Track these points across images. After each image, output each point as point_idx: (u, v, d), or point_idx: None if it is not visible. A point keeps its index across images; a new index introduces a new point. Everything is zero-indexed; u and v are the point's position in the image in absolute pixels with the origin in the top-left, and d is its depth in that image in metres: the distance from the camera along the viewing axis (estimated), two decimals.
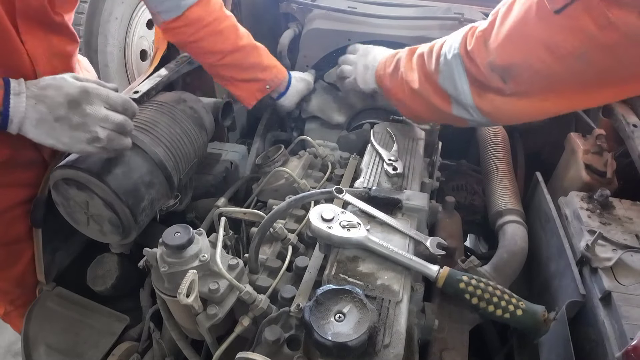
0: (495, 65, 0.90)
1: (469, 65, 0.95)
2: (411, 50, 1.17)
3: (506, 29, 0.87)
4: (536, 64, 0.83)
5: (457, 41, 0.98)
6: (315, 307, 0.72)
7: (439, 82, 1.03)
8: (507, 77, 0.89)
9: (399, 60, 1.18)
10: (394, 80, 1.20)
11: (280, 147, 1.38)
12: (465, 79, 0.97)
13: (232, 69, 1.39)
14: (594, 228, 1.13)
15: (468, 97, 0.98)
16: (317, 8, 1.77)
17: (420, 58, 1.10)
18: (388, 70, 1.22)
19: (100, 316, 1.18)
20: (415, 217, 0.99)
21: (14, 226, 1.17)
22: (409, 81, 1.12)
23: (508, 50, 0.87)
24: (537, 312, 0.83)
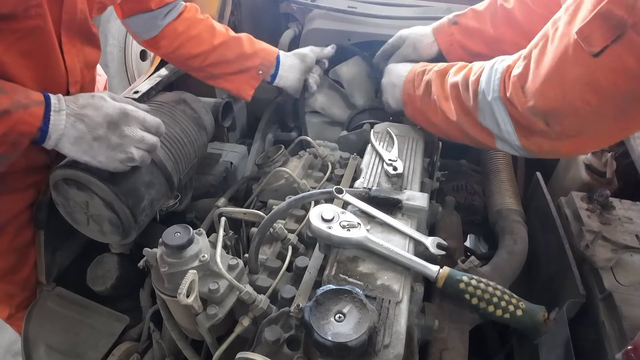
0: (536, 111, 0.88)
1: (510, 109, 0.93)
2: (440, 73, 1.13)
3: (543, 72, 0.85)
4: (581, 107, 0.82)
5: (494, 82, 0.96)
6: (315, 307, 0.72)
7: (480, 120, 1.01)
8: (551, 121, 0.87)
9: (429, 83, 1.15)
10: (426, 104, 1.16)
11: (280, 147, 1.38)
12: (509, 122, 0.95)
13: (218, 66, 1.39)
14: (594, 228, 1.13)
15: (514, 139, 0.96)
16: (317, 8, 1.77)
17: (454, 89, 1.07)
18: (418, 92, 1.18)
19: (100, 316, 1.18)
20: (415, 217, 0.99)
21: (25, 230, 1.17)
22: (444, 110, 1.09)
23: (548, 95, 0.85)
24: (537, 312, 0.83)
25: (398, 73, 1.29)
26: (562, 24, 0.82)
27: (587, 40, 0.76)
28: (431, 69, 1.17)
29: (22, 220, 1.16)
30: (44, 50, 1.00)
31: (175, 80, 1.53)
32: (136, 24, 1.32)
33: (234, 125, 1.68)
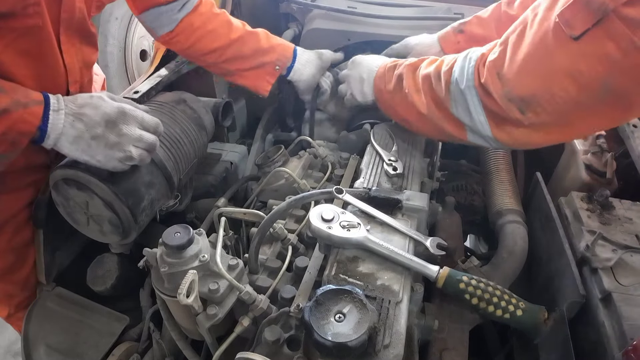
0: (512, 97, 0.87)
1: (484, 97, 0.92)
2: (412, 66, 1.12)
3: (521, 58, 0.84)
4: (559, 93, 0.81)
5: (468, 70, 0.95)
6: (315, 307, 0.72)
7: (452, 111, 1.00)
8: (526, 109, 0.86)
9: (401, 77, 1.13)
10: (396, 98, 1.15)
11: (280, 147, 1.38)
12: (481, 111, 0.94)
13: (235, 61, 1.39)
14: (594, 228, 1.13)
15: (486, 128, 0.95)
16: (317, 8, 1.78)
17: (426, 81, 1.05)
18: (389, 87, 1.17)
19: (100, 316, 1.18)
20: (415, 218, 0.99)
21: (23, 229, 1.17)
22: (415, 104, 1.07)
23: (526, 80, 0.84)
24: (537, 312, 0.84)
25: (368, 67, 1.26)
26: (541, 10, 0.82)
27: (567, 24, 0.75)
28: (402, 64, 1.16)
29: (21, 220, 1.16)
30: (43, 50, 1.00)
31: (175, 80, 1.53)
32: (151, 19, 1.31)
33: (234, 125, 1.68)
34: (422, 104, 1.06)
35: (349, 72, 1.32)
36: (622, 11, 0.70)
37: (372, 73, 1.24)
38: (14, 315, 1.29)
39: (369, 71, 1.25)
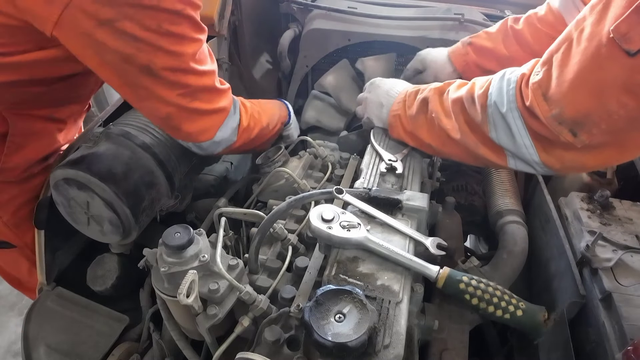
0: (563, 119, 0.81)
1: (529, 120, 0.87)
2: (439, 90, 1.07)
3: (570, 77, 0.79)
4: (617, 111, 0.76)
5: (509, 92, 0.89)
6: (315, 307, 0.72)
7: (491, 136, 0.94)
8: (579, 130, 0.81)
9: (425, 101, 1.08)
10: (419, 123, 1.10)
11: (280, 147, 1.38)
12: (526, 134, 0.88)
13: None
14: (594, 229, 1.13)
15: (532, 152, 0.90)
16: (317, 8, 1.78)
17: (457, 104, 1.00)
18: (410, 113, 1.12)
19: (100, 316, 1.18)
20: (415, 218, 0.99)
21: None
22: (445, 128, 1.02)
23: (578, 100, 0.80)
24: (537, 312, 0.83)
25: (387, 92, 1.23)
26: (588, 24, 0.78)
27: (624, 39, 0.71)
28: (426, 88, 1.12)
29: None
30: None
31: None
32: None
33: None
34: (453, 128, 1.01)
35: (367, 95, 1.28)
36: None
37: (392, 100, 1.20)
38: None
39: (389, 97, 1.22)
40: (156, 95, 0.96)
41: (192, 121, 1.04)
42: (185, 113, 1.01)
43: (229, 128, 1.13)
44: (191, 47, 0.95)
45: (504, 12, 1.83)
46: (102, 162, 1.06)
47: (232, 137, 1.15)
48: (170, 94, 0.96)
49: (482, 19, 1.69)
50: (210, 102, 1.05)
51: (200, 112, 1.04)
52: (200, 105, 1.03)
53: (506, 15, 1.77)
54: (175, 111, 1.00)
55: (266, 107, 1.34)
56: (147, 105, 1.00)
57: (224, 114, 1.10)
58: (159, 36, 0.88)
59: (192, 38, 0.94)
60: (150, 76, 0.92)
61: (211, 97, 1.05)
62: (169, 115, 1.00)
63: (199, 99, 1.01)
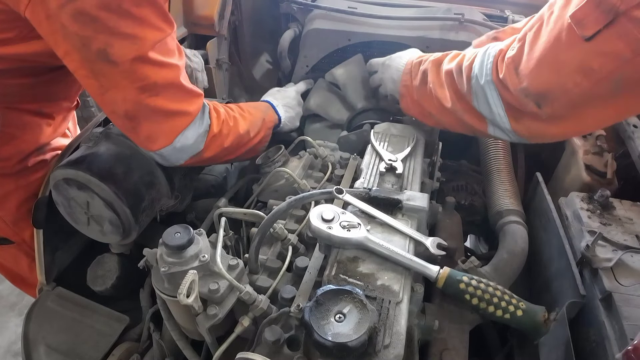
0: (529, 92, 0.89)
1: (502, 92, 0.95)
2: (436, 62, 1.15)
3: (537, 55, 0.87)
4: (572, 89, 0.84)
5: (487, 66, 0.98)
6: (315, 307, 0.72)
7: (473, 105, 1.03)
8: (542, 103, 0.89)
9: (426, 73, 1.16)
10: (422, 94, 1.17)
11: (280, 147, 1.38)
12: (500, 104, 0.97)
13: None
14: (594, 229, 1.13)
15: (505, 121, 0.98)
16: (317, 8, 1.77)
17: (449, 76, 1.08)
18: (415, 83, 1.19)
19: (100, 316, 1.18)
20: (415, 218, 0.99)
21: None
22: (439, 97, 1.10)
23: (541, 76, 0.87)
24: (537, 312, 0.83)
25: (396, 67, 1.29)
26: (557, 8, 0.84)
27: (580, 24, 0.78)
28: (427, 59, 1.18)
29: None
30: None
31: None
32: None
33: None
34: (445, 97, 1.09)
35: (382, 76, 1.35)
36: (633, 13, 0.72)
37: (399, 73, 1.27)
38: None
39: (397, 71, 1.28)
40: (115, 85, 0.92)
41: (151, 121, 0.98)
42: (144, 110, 0.96)
43: (193, 133, 1.04)
44: (152, 34, 0.91)
45: (504, 12, 1.83)
46: (102, 162, 1.06)
47: (198, 144, 1.07)
48: (129, 85, 0.92)
49: (482, 19, 1.69)
50: (174, 101, 0.99)
51: (161, 111, 0.98)
52: (162, 104, 0.97)
53: (506, 15, 1.78)
54: (133, 107, 0.95)
55: (247, 112, 1.25)
56: (108, 98, 0.95)
57: (188, 118, 1.02)
58: (118, 17, 0.85)
59: (154, 25, 0.91)
60: (108, 62, 0.88)
61: (176, 95, 0.99)
62: (127, 111, 0.96)
63: (161, 95, 0.96)
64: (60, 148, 1.30)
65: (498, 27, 1.65)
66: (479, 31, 1.65)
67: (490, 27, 1.66)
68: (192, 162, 1.10)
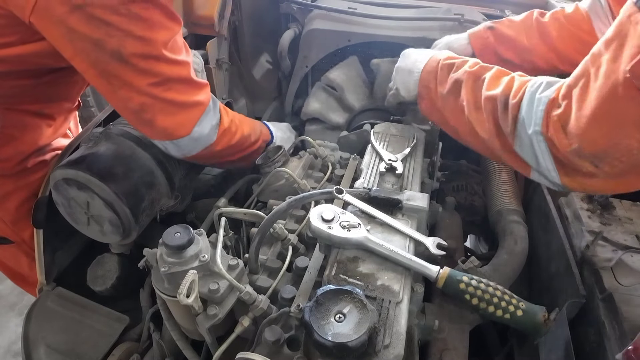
0: (582, 153, 0.81)
1: (552, 148, 0.85)
2: (474, 75, 1.01)
3: (588, 113, 0.78)
4: (635, 146, 0.76)
5: (537, 114, 0.86)
6: (315, 307, 0.72)
7: (516, 150, 0.91)
8: (600, 162, 0.80)
9: (458, 84, 1.03)
10: (449, 105, 1.06)
11: (280, 147, 1.38)
12: (550, 159, 0.87)
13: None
14: (594, 229, 1.13)
15: (554, 175, 0.89)
16: (317, 8, 1.77)
17: (490, 103, 0.95)
18: (441, 90, 1.07)
19: (100, 316, 1.18)
20: (415, 218, 0.99)
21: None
22: (473, 122, 0.98)
23: (595, 136, 0.79)
24: (537, 312, 0.83)
25: (416, 59, 1.18)
26: (605, 61, 0.78)
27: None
28: (461, 66, 1.05)
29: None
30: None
31: None
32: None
33: None
34: (481, 126, 0.97)
35: (398, 64, 1.24)
36: None
37: (420, 65, 1.16)
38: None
39: (416, 63, 1.17)
40: (128, 84, 0.94)
41: (167, 113, 1.01)
42: (159, 104, 0.98)
43: (207, 124, 1.08)
44: (162, 34, 0.94)
45: (504, 12, 1.83)
46: (102, 162, 1.06)
47: (211, 135, 1.10)
48: (142, 82, 0.94)
49: (482, 19, 1.69)
50: (185, 93, 1.02)
51: (175, 104, 1.01)
52: (176, 97, 1.00)
53: (506, 15, 1.78)
54: (148, 101, 0.97)
55: (246, 119, 1.30)
56: (120, 95, 0.97)
57: (202, 107, 1.06)
58: (129, 20, 0.88)
59: (163, 25, 0.94)
60: (121, 62, 0.91)
61: (187, 88, 1.02)
62: (143, 105, 0.97)
63: (174, 89, 0.99)
64: (61, 148, 1.30)
65: None
66: None
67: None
68: (203, 154, 1.13)
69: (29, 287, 1.44)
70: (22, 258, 1.34)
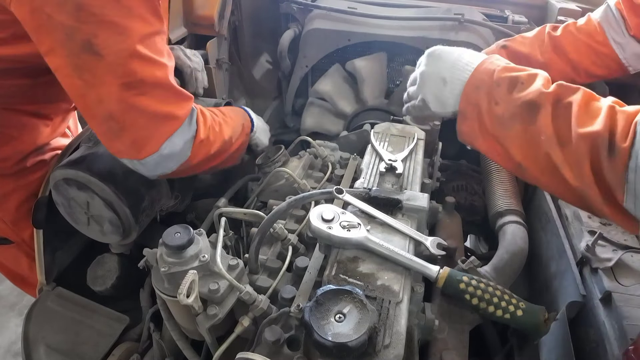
0: None
1: None
2: (554, 97, 0.79)
3: None
4: None
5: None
6: (315, 307, 0.72)
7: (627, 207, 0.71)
8: None
9: (533, 107, 0.79)
10: (511, 133, 0.82)
11: (280, 147, 1.38)
12: None
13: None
14: (594, 228, 1.13)
15: None
16: (317, 8, 1.78)
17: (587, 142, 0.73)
18: (499, 111, 0.83)
19: (100, 316, 1.18)
20: (415, 218, 0.99)
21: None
22: (557, 163, 0.76)
23: None
24: (537, 312, 0.83)
25: (453, 65, 0.91)
26: None
27: None
28: (529, 83, 0.82)
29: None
30: None
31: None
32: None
33: None
34: (571, 170, 0.75)
35: (425, 69, 0.97)
36: None
37: (460, 74, 0.90)
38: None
39: (455, 71, 0.90)
40: (99, 81, 0.86)
41: (137, 125, 0.91)
42: (129, 111, 0.89)
43: (180, 140, 0.97)
44: (140, 26, 0.86)
45: (503, 12, 1.83)
46: (102, 162, 1.06)
47: (185, 151, 0.99)
48: (114, 81, 0.86)
49: (482, 19, 1.70)
50: (162, 102, 0.92)
51: (147, 113, 0.91)
52: (149, 104, 0.90)
53: (506, 15, 1.78)
54: (118, 107, 0.88)
55: (229, 117, 1.19)
56: (90, 98, 0.89)
57: (177, 122, 0.95)
58: (104, 3, 0.82)
59: (141, 16, 0.87)
60: (93, 54, 0.83)
61: (164, 96, 0.93)
62: (112, 113, 0.88)
63: (148, 95, 0.90)
64: (60, 148, 1.30)
65: (498, 27, 1.66)
66: (479, 31, 1.65)
67: (490, 27, 1.66)
68: (181, 170, 1.03)
69: (29, 288, 1.45)
70: (22, 259, 1.34)
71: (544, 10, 1.81)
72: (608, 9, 1.26)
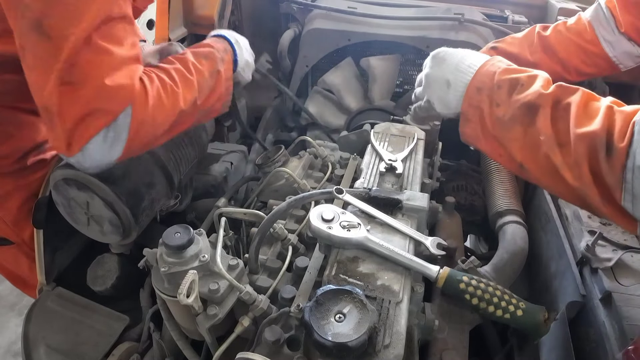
0: None
1: None
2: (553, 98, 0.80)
3: None
4: None
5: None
6: (315, 307, 0.72)
7: (625, 205, 0.72)
8: None
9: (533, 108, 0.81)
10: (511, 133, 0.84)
11: (280, 147, 1.38)
12: None
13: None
14: (594, 228, 1.13)
15: None
16: (317, 8, 1.78)
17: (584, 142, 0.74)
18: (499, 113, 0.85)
19: (100, 316, 1.18)
20: (415, 218, 0.99)
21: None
22: (557, 165, 0.77)
23: None
24: (537, 312, 0.83)
25: (456, 67, 0.93)
26: None
27: None
28: (529, 85, 0.83)
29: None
30: None
31: None
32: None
33: (234, 125, 1.68)
34: (570, 171, 0.76)
35: (430, 72, 1.00)
36: None
37: (463, 77, 0.92)
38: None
39: (458, 73, 0.92)
40: (40, 63, 0.79)
41: (67, 118, 0.82)
42: (62, 105, 0.81)
43: (107, 140, 0.86)
44: (99, 8, 0.79)
45: (503, 12, 1.83)
46: None
47: (112, 153, 0.88)
48: (54, 65, 0.78)
49: (482, 19, 1.70)
50: (96, 98, 0.82)
51: (79, 107, 0.81)
52: (82, 97, 0.81)
53: (506, 15, 1.78)
54: (51, 99, 0.80)
55: (196, 72, 1.03)
56: (31, 81, 0.82)
57: (107, 119, 0.83)
58: None
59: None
60: (39, 34, 0.77)
61: (104, 91, 0.82)
62: (46, 105, 0.81)
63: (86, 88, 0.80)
64: None
65: (498, 27, 1.66)
66: (479, 31, 1.65)
67: (490, 27, 1.66)
68: (126, 154, 0.91)
69: (29, 289, 1.44)
70: (22, 259, 1.34)
71: (544, 10, 1.81)
72: (599, 8, 1.26)
